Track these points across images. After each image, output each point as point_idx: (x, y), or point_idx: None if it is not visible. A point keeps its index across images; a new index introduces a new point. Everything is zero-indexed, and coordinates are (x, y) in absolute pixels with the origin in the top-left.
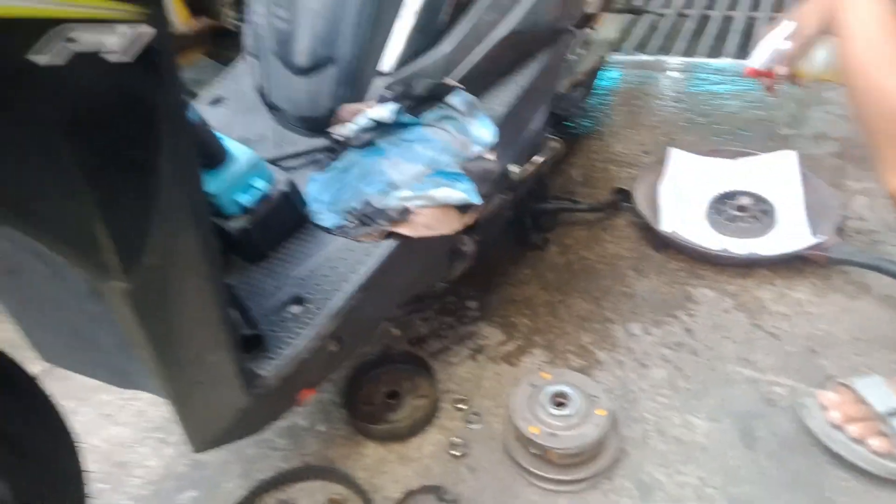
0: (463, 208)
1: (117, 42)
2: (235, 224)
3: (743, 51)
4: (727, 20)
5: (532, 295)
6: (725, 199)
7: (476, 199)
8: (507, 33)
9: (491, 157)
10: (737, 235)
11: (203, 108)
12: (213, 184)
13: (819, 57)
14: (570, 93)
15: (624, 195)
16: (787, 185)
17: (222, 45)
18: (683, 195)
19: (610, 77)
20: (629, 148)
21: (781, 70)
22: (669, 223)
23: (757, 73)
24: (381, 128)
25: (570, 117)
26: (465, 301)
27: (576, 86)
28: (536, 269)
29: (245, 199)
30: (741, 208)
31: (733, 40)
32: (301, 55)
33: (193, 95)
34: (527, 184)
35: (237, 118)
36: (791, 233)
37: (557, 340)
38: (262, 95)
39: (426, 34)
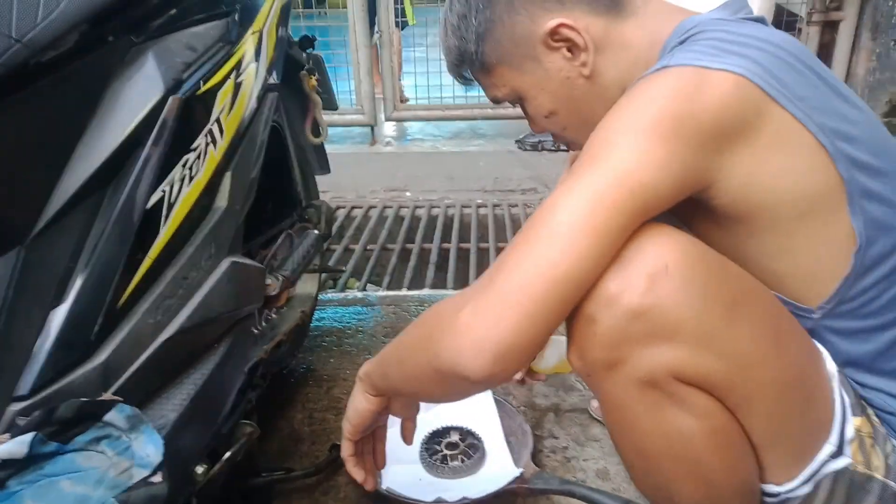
0: None
1: None
2: None
3: (441, 281)
4: (425, 252)
5: None
6: (437, 437)
7: None
8: (174, 332)
9: (158, 479)
10: (451, 476)
11: None
12: None
13: (550, 355)
14: (273, 355)
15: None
16: (488, 417)
17: None
18: (398, 440)
19: (323, 317)
20: (347, 391)
21: (517, 376)
22: (386, 477)
23: None
24: (14, 465)
25: (279, 374)
26: None
27: (279, 345)
28: None
29: None
30: (451, 446)
31: (431, 272)
32: None
33: None
34: (217, 481)
35: None
36: (498, 466)
37: None
38: None
39: (75, 347)
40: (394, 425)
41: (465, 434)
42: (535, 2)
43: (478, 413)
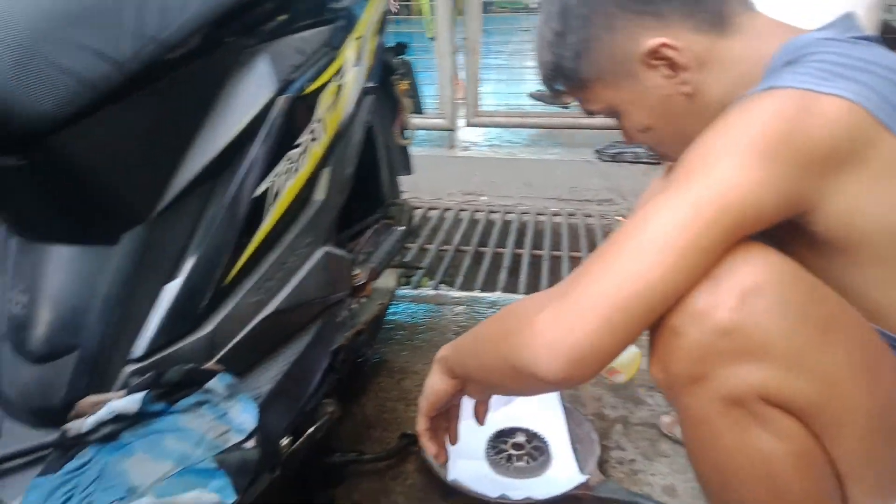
0: None
1: None
2: None
3: (512, 285)
4: (498, 256)
5: None
6: (503, 436)
7: (231, 498)
8: (272, 311)
9: (251, 444)
10: (515, 476)
11: None
12: None
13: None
14: (352, 343)
15: (411, 439)
16: (555, 421)
17: None
18: (465, 436)
19: (397, 312)
20: (418, 384)
21: None
22: (453, 469)
23: None
24: (127, 419)
25: (355, 363)
26: None
27: (358, 334)
28: None
29: None
30: (517, 446)
31: (503, 276)
32: (37, 342)
33: None
34: (299, 455)
35: None
36: (563, 471)
37: None
38: None
39: (185, 318)
40: (464, 419)
41: (532, 436)
42: (635, 20)
43: (545, 417)
